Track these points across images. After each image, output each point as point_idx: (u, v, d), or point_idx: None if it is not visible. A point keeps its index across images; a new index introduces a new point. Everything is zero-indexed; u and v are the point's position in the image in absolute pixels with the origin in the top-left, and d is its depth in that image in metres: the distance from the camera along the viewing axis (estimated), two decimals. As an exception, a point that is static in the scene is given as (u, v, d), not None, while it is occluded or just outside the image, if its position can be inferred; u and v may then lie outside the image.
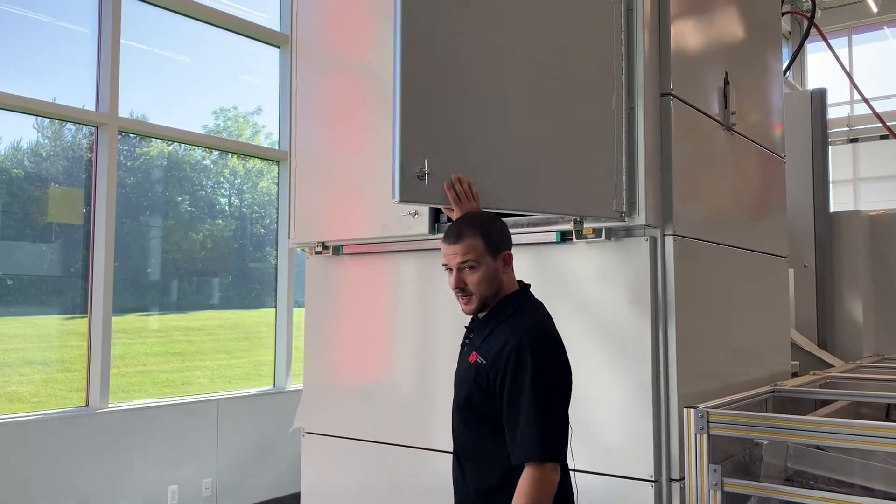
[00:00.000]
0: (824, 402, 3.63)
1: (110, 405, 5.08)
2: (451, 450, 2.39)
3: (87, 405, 5.04)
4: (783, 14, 5.13)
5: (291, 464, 5.75)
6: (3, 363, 4.84)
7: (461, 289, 2.24)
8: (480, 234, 2.22)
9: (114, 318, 5.17)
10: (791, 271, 4.64)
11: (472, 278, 2.22)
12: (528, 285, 2.35)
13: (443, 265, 2.29)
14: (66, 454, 4.74)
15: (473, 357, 2.24)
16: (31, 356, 5.03)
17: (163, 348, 5.89)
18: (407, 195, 2.29)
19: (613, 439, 2.92)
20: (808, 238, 5.47)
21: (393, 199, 2.26)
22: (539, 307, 2.31)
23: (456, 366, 2.40)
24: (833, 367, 4.72)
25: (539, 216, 3.13)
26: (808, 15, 6.58)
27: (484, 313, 2.29)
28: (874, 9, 16.21)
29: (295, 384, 6.25)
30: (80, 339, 5.12)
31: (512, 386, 2.10)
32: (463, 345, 2.40)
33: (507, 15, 2.63)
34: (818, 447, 3.00)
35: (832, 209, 5.63)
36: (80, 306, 5.16)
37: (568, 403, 2.19)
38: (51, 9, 5.23)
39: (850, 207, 14.59)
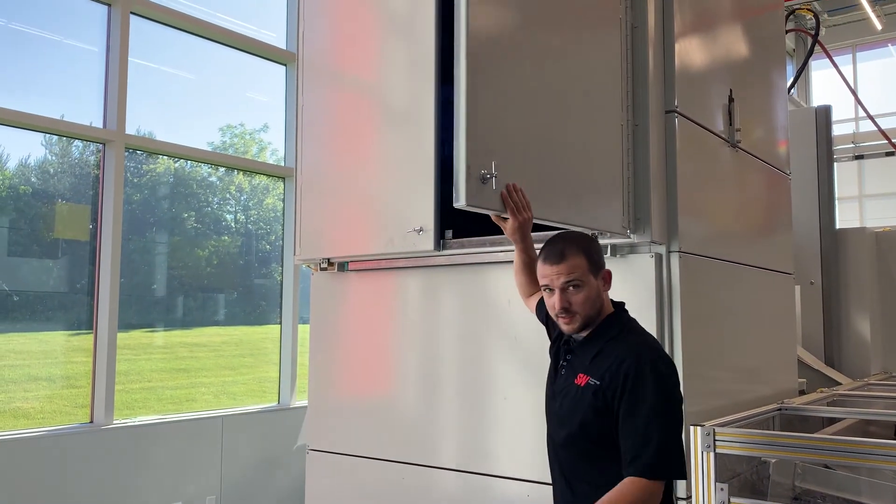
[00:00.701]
0: (832, 420, 3.61)
1: (115, 422, 5.07)
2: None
3: (91, 422, 5.03)
4: (787, 32, 5.15)
5: (296, 481, 5.72)
6: (8, 379, 4.84)
7: (566, 309, 2.18)
8: (583, 252, 2.18)
9: (119, 335, 5.17)
10: (797, 288, 4.63)
11: (576, 298, 2.17)
12: (623, 303, 2.32)
13: (543, 286, 2.23)
14: (69, 471, 4.73)
15: (583, 379, 2.17)
16: (36, 372, 5.04)
17: (168, 365, 5.89)
18: (472, 199, 2.18)
19: (619, 457, 2.90)
20: (814, 255, 5.46)
21: (457, 203, 2.14)
22: (644, 329, 2.27)
23: (549, 392, 2.33)
24: (840, 384, 4.69)
25: (543, 234, 3.13)
26: (813, 32, 6.61)
27: (583, 333, 2.24)
28: (878, 26, 16.27)
29: (299, 401, 6.24)
30: (86, 356, 5.12)
31: (631, 400, 2.06)
32: (560, 366, 2.31)
33: (546, 29, 2.64)
34: (826, 465, 2.98)
35: (838, 226, 5.62)
36: (86, 322, 5.17)
37: (682, 424, 2.14)
38: (60, 27, 5.28)
39: (855, 224, 14.57)
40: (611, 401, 2.09)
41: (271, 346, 6.43)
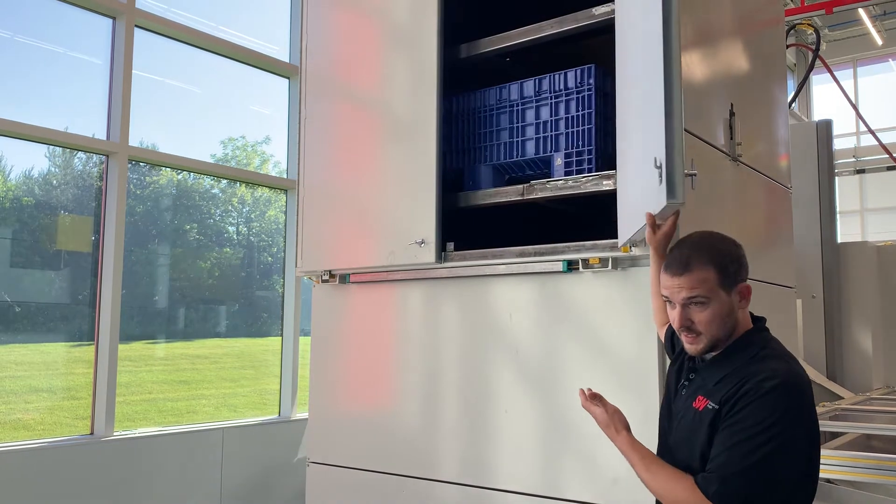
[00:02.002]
0: (834, 435, 3.60)
1: (115, 433, 5.06)
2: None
3: (91, 433, 5.02)
4: (788, 46, 5.17)
5: (296, 494, 5.70)
6: (9, 391, 4.84)
7: (687, 328, 1.90)
8: (713, 263, 1.87)
9: (120, 346, 5.17)
10: (799, 302, 4.62)
11: (700, 316, 1.87)
12: (764, 319, 2.00)
13: (663, 296, 1.96)
14: (70, 483, 4.71)
15: (702, 402, 1.87)
16: (37, 384, 5.03)
17: (168, 376, 5.88)
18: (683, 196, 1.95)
19: (619, 471, 2.89)
20: (816, 269, 5.46)
21: (672, 200, 1.87)
22: (788, 352, 1.93)
23: (665, 413, 2.10)
24: (842, 398, 4.68)
25: (545, 246, 3.14)
26: (813, 47, 6.63)
27: (712, 353, 1.95)
28: (879, 41, 16.35)
29: (300, 413, 6.23)
30: (87, 367, 5.12)
31: (739, 413, 1.76)
32: (680, 386, 2.05)
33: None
34: (828, 480, 2.96)
35: (839, 240, 5.62)
36: (87, 334, 5.17)
37: (792, 475, 1.77)
38: (65, 40, 5.31)
39: (857, 238, 14.58)
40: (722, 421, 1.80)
41: (272, 359, 6.42)
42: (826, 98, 17.10)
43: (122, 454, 5.00)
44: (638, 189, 2.44)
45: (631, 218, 2.60)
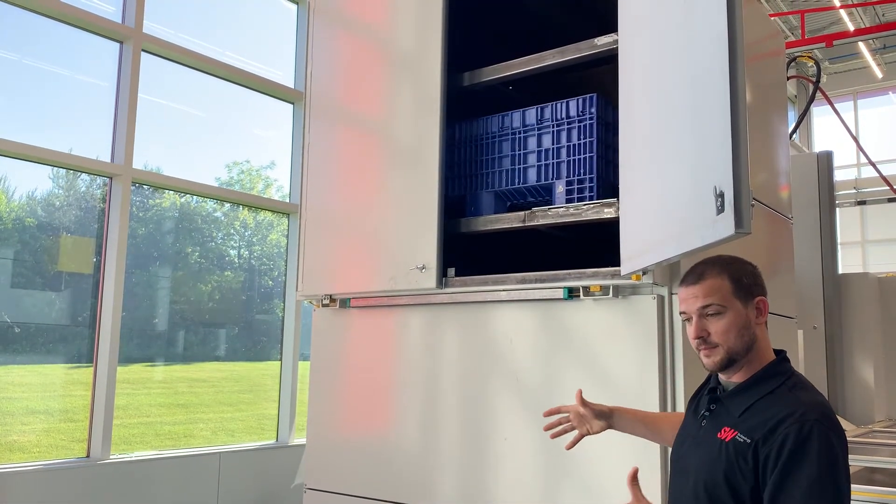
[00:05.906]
0: (836, 467, 3.56)
1: (111, 456, 5.02)
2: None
3: (88, 456, 4.98)
4: (789, 78, 5.21)
5: (292, 521, 5.65)
6: (5, 412, 4.81)
7: (703, 339, 1.88)
8: (727, 273, 1.90)
9: (119, 368, 5.15)
10: (800, 333, 4.61)
11: (716, 326, 1.86)
12: (785, 352, 1.96)
13: (681, 314, 1.95)
14: (64, 506, 4.67)
15: (728, 434, 1.83)
16: (34, 405, 5.01)
17: (167, 399, 5.85)
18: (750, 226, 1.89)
19: (619, 501, 2.87)
20: (817, 300, 5.45)
21: (741, 230, 1.79)
22: (810, 383, 1.92)
23: (677, 440, 2.07)
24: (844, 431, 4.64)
25: (546, 273, 3.14)
26: (814, 79, 6.68)
27: (735, 379, 1.91)
28: (879, 74, 16.49)
29: (298, 438, 6.18)
30: (85, 389, 5.09)
31: (785, 473, 1.70)
32: (701, 417, 1.98)
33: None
34: (830, 513, 2.93)
35: (841, 271, 5.62)
36: (87, 356, 5.15)
37: None
38: (72, 63, 5.36)
39: (858, 269, 14.57)
40: (763, 465, 1.74)
41: (271, 383, 6.39)
42: (827, 130, 17.20)
43: (118, 478, 4.95)
44: (655, 218, 2.41)
45: (643, 245, 2.59)
